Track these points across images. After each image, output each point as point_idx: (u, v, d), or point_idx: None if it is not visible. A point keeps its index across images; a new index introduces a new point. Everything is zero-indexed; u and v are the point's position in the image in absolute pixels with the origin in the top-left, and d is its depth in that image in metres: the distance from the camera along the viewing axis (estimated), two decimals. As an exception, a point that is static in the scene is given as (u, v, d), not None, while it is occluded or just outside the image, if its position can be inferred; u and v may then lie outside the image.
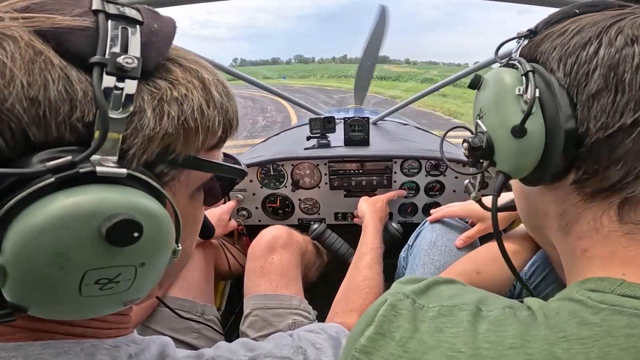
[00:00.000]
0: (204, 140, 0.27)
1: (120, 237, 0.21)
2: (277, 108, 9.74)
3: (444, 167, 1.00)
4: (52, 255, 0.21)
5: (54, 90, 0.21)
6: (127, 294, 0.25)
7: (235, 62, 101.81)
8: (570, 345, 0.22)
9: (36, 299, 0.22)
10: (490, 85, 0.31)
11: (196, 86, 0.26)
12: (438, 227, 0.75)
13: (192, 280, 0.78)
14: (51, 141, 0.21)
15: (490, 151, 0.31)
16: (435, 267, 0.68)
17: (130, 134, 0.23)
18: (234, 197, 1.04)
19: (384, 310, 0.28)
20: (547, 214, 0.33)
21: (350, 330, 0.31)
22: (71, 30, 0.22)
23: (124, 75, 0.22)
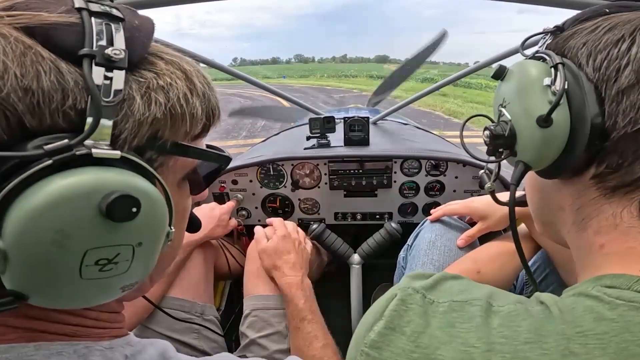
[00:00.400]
0: (189, 128, 0.29)
1: (119, 212, 0.22)
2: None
3: (444, 167, 1.00)
4: (54, 233, 0.21)
5: (46, 80, 0.22)
6: (125, 277, 0.26)
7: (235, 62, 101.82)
8: (587, 340, 0.22)
9: (37, 284, 0.23)
10: (517, 75, 0.32)
11: (179, 76, 0.28)
12: (437, 227, 0.75)
13: (192, 280, 0.78)
14: (45, 128, 0.22)
15: (512, 140, 0.31)
16: (435, 267, 0.68)
17: (121, 120, 0.24)
18: (233, 197, 1.04)
19: (394, 305, 0.28)
20: (562, 209, 0.33)
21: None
22: (58, 26, 0.23)
23: (112, 65, 0.23)
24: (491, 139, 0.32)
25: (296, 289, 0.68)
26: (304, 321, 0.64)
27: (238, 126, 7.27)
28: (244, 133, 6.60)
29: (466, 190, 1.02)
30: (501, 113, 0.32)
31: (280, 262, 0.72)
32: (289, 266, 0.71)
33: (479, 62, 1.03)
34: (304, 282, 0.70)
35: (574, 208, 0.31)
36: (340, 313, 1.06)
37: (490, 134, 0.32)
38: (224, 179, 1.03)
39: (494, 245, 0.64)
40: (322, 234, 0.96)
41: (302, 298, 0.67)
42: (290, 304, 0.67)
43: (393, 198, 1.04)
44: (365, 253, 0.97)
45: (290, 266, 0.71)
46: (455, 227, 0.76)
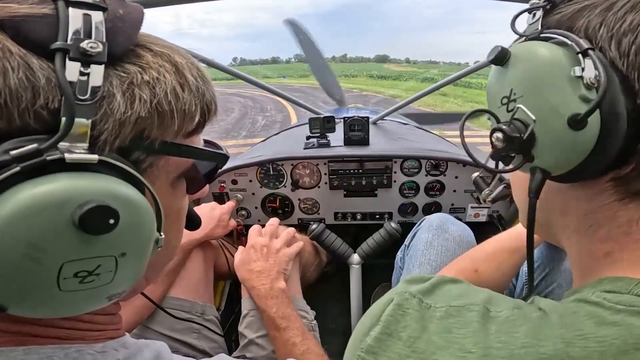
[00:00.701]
0: (180, 125, 0.26)
1: (94, 225, 0.21)
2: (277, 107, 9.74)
3: (444, 167, 1.00)
4: (25, 246, 0.20)
5: (13, 78, 0.20)
6: (110, 287, 0.24)
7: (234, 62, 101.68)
8: (586, 343, 0.22)
9: (14, 296, 0.21)
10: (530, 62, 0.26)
11: (168, 70, 0.25)
12: (434, 227, 0.74)
13: (192, 280, 0.78)
14: (16, 130, 0.21)
15: (531, 143, 0.26)
16: (432, 267, 0.68)
17: (100, 119, 0.22)
18: (233, 197, 1.04)
19: (391, 310, 0.27)
20: (564, 213, 0.31)
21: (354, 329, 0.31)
22: (29, 17, 0.21)
23: (88, 60, 0.21)
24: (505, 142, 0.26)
25: (265, 299, 0.66)
26: (278, 330, 0.64)
27: (238, 126, 7.27)
28: (244, 133, 6.60)
29: (466, 190, 1.02)
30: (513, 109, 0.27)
31: (247, 275, 0.70)
32: (255, 276, 0.70)
33: (479, 62, 1.03)
34: (274, 289, 0.68)
35: (580, 213, 0.29)
36: (340, 313, 1.06)
37: (503, 136, 0.26)
38: (223, 179, 1.03)
39: (491, 244, 0.64)
40: (321, 234, 0.96)
41: (273, 307, 0.65)
42: (263, 314, 0.67)
43: (393, 198, 1.04)
44: (365, 253, 0.97)
45: (256, 276, 0.69)
46: (452, 226, 0.75)
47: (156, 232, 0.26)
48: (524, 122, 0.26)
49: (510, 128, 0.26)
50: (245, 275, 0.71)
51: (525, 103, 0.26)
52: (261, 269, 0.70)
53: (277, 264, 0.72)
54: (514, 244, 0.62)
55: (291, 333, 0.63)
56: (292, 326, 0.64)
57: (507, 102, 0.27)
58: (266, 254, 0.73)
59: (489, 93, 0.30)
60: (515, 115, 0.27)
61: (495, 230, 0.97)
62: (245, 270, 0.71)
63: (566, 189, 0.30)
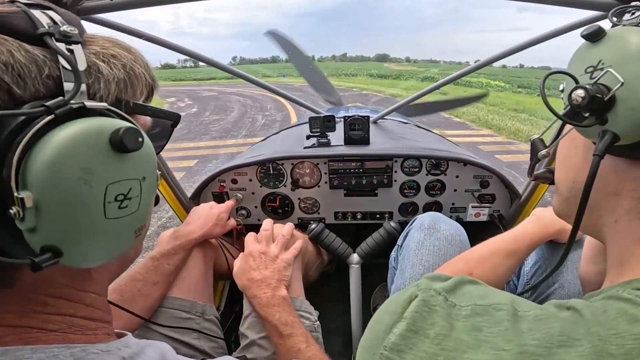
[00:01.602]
0: (142, 91, 0.33)
1: (130, 142, 0.26)
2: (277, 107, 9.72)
3: (444, 166, 1.00)
4: (78, 170, 0.24)
5: (19, 55, 0.25)
6: (137, 217, 0.29)
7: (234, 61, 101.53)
8: (623, 341, 0.22)
9: (69, 232, 0.25)
10: (625, 40, 0.28)
11: (122, 48, 0.32)
12: (425, 227, 0.74)
13: (192, 280, 0.77)
14: (29, 96, 0.25)
15: (609, 105, 0.28)
16: (425, 268, 0.68)
17: (93, 82, 0.29)
18: (233, 196, 1.03)
19: (416, 307, 0.27)
20: (617, 194, 0.30)
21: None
22: (6, 14, 0.26)
23: (70, 40, 0.27)
24: (585, 99, 0.27)
25: (267, 307, 0.66)
26: (282, 337, 0.63)
27: (237, 125, 7.26)
28: (244, 132, 6.59)
29: (467, 190, 1.02)
30: (595, 76, 0.29)
31: (247, 283, 0.70)
32: (255, 285, 0.69)
33: (480, 61, 1.03)
34: (276, 296, 0.67)
35: (636, 194, 0.29)
36: (340, 313, 1.06)
37: (585, 93, 0.27)
38: (223, 178, 1.02)
39: (486, 246, 0.64)
40: (320, 233, 0.96)
41: (276, 314, 0.65)
42: (265, 322, 0.66)
43: (393, 197, 1.03)
44: (365, 253, 0.97)
45: (256, 285, 0.69)
46: (444, 225, 0.75)
47: (156, 167, 0.31)
48: (607, 86, 0.28)
49: (594, 88, 0.28)
50: (246, 284, 0.71)
51: (617, 70, 0.28)
52: (261, 277, 0.70)
53: (277, 271, 0.72)
54: (509, 247, 0.62)
55: (295, 340, 0.63)
56: (295, 333, 0.64)
57: (593, 70, 0.29)
58: (265, 262, 0.72)
59: (573, 63, 0.32)
60: (600, 80, 0.28)
61: (496, 229, 0.97)
62: (246, 279, 0.71)
63: (625, 168, 0.30)
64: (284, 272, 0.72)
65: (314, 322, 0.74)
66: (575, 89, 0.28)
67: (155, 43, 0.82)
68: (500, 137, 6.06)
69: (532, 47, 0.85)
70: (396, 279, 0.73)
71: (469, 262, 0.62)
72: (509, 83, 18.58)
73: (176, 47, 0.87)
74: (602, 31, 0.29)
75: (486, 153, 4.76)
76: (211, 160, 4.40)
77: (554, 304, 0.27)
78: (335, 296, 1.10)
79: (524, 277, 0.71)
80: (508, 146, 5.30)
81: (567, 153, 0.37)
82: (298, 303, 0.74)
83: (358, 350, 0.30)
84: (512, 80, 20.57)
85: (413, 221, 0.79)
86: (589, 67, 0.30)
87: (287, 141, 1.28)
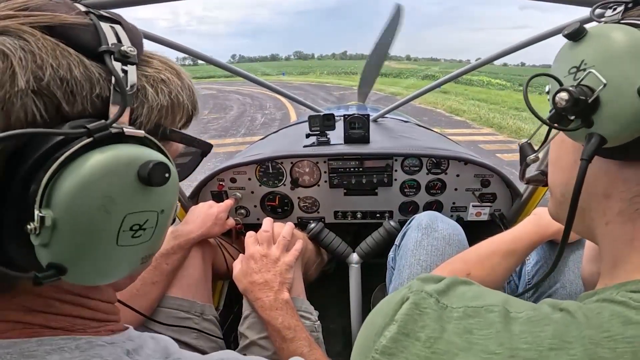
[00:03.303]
0: (181, 117, 0.33)
1: (157, 178, 0.26)
2: (276, 105, 9.70)
3: (445, 165, 0.99)
4: (102, 199, 0.24)
5: (77, 72, 0.25)
6: (147, 246, 0.29)
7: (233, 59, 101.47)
8: (615, 344, 0.22)
9: (78, 253, 0.25)
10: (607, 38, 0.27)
11: (172, 73, 0.32)
12: (423, 226, 0.73)
13: (190, 280, 0.77)
14: (76, 114, 0.26)
15: (593, 108, 0.27)
16: (422, 268, 0.67)
17: (137, 107, 0.29)
18: (232, 195, 1.03)
19: (407, 309, 0.27)
20: (608, 196, 0.30)
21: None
22: (76, 26, 0.26)
23: (127, 61, 0.27)
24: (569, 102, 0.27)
25: (270, 310, 0.66)
26: (285, 341, 0.63)
27: (236, 124, 7.25)
28: (243, 130, 6.57)
29: (467, 189, 1.01)
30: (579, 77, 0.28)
31: (250, 286, 0.69)
32: (257, 288, 0.69)
33: (481, 59, 1.02)
34: (278, 299, 0.67)
35: (627, 196, 0.28)
36: (340, 313, 1.05)
37: (569, 96, 0.27)
38: (222, 177, 1.02)
39: (485, 246, 0.63)
40: (320, 233, 0.96)
41: (279, 317, 0.65)
42: (268, 326, 0.66)
43: (394, 196, 1.03)
44: (364, 252, 0.96)
45: (259, 288, 0.68)
46: (442, 225, 0.74)
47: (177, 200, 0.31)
48: (590, 88, 0.27)
49: (577, 90, 0.27)
50: (248, 287, 0.70)
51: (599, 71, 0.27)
52: (263, 280, 0.69)
53: (279, 274, 0.71)
54: (508, 247, 0.61)
55: (298, 343, 0.63)
56: (298, 336, 0.63)
57: (576, 71, 0.28)
58: (267, 265, 0.72)
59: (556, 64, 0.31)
60: (583, 82, 0.28)
61: (497, 229, 0.97)
62: (247, 282, 0.70)
63: (616, 170, 0.29)
64: (286, 275, 0.71)
65: (314, 322, 0.74)
66: (558, 92, 0.28)
67: (153, 41, 0.81)
68: (501, 135, 6.05)
69: (533, 45, 0.84)
70: (394, 279, 0.73)
71: (468, 262, 0.62)
72: (510, 81, 18.54)
73: (175, 45, 0.86)
74: (583, 30, 0.29)
75: (487, 152, 4.75)
76: (210, 159, 4.39)
77: (548, 304, 0.27)
78: (335, 296, 1.09)
79: (525, 277, 0.71)
80: (509, 145, 5.30)
81: (557, 155, 0.36)
82: (298, 303, 0.73)
83: (352, 352, 0.30)
84: (514, 78, 20.53)
85: (411, 220, 0.78)
86: (572, 68, 0.29)
87: (286, 140, 1.27)
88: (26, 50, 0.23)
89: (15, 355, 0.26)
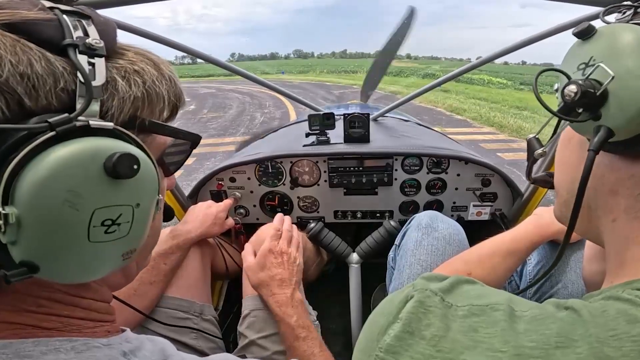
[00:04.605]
0: (162, 109, 0.32)
1: (123, 169, 0.25)
2: (276, 104, 9.69)
3: (445, 165, 0.99)
4: (65, 193, 0.24)
5: (38, 67, 0.24)
6: (126, 241, 0.28)
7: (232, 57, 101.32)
8: (621, 343, 0.22)
9: (49, 250, 0.25)
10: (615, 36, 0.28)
11: (149, 64, 0.31)
12: (423, 226, 0.73)
13: (189, 280, 0.77)
14: (40, 108, 0.25)
15: (601, 100, 0.27)
16: (422, 268, 0.67)
17: (107, 98, 0.28)
18: (231, 194, 1.02)
19: (412, 307, 0.27)
20: (614, 193, 0.30)
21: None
22: (38, 21, 0.26)
23: (93, 53, 0.27)
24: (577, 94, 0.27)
25: (286, 307, 0.65)
26: (298, 340, 0.62)
27: (236, 122, 7.24)
28: (242, 129, 6.56)
29: (468, 188, 1.01)
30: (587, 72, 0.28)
31: (268, 280, 0.68)
32: (276, 284, 0.67)
33: (482, 58, 1.01)
34: (294, 298, 0.67)
35: (634, 193, 0.28)
36: (340, 313, 1.05)
37: (577, 88, 0.27)
38: (221, 177, 1.01)
39: (486, 246, 0.63)
40: (319, 232, 0.95)
41: (294, 315, 0.64)
42: (281, 323, 0.65)
43: (394, 196, 1.02)
44: (364, 252, 0.96)
45: (277, 283, 0.67)
46: (442, 224, 0.73)
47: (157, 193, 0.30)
48: (598, 81, 0.27)
49: (586, 83, 0.27)
50: (265, 280, 0.68)
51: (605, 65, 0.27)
52: (282, 277, 0.69)
53: (296, 273, 0.71)
54: (508, 247, 0.61)
55: (310, 343, 0.62)
56: (311, 336, 0.63)
57: (585, 67, 0.29)
58: (287, 262, 0.71)
59: (565, 61, 0.32)
60: (592, 76, 0.28)
61: (498, 228, 0.96)
62: (267, 276, 0.68)
63: (622, 166, 0.29)
64: (300, 275, 0.72)
65: (314, 322, 0.74)
66: (567, 85, 0.28)
67: (152, 40, 0.80)
68: (502, 134, 6.04)
69: (534, 44, 0.83)
70: (394, 279, 0.72)
71: (468, 262, 0.61)
72: (511, 80, 18.52)
73: (173, 43, 0.86)
74: (592, 29, 0.29)
75: (488, 151, 4.74)
76: (209, 158, 4.39)
77: (553, 303, 0.26)
78: (335, 296, 1.09)
79: (526, 277, 0.70)
80: (510, 144, 5.29)
81: (564, 153, 0.36)
82: (298, 303, 0.73)
83: (354, 352, 0.30)
84: (514, 77, 20.51)
85: (411, 220, 0.78)
86: (580, 64, 0.30)
87: (286, 139, 1.27)
88: None
89: (11, 356, 0.26)
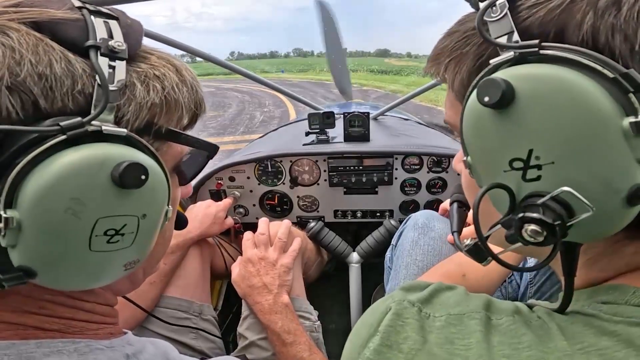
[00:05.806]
0: (180, 116, 0.31)
1: (130, 179, 0.24)
2: (275, 103, 9.67)
3: (446, 164, 0.98)
4: (68, 200, 0.23)
5: (58, 68, 0.24)
6: (129, 252, 0.27)
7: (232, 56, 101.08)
8: (588, 357, 0.21)
9: (48, 257, 0.24)
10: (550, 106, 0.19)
11: (171, 69, 0.30)
12: (419, 226, 0.72)
13: (189, 279, 0.76)
14: (56, 110, 0.24)
15: (567, 224, 0.20)
16: (419, 268, 0.66)
17: (124, 103, 0.27)
18: (230, 194, 1.02)
19: (390, 320, 0.26)
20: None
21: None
22: (64, 21, 0.25)
23: (115, 56, 0.26)
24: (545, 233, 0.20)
25: (270, 314, 0.65)
26: (285, 345, 0.63)
27: (235, 121, 7.22)
28: (242, 128, 6.55)
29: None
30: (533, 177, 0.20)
31: (248, 291, 0.69)
32: (256, 292, 0.68)
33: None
34: (278, 303, 0.66)
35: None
36: (340, 313, 1.05)
37: (542, 229, 0.20)
38: (220, 176, 1.01)
39: None
40: (319, 232, 0.95)
41: (279, 322, 0.64)
42: (267, 330, 0.65)
43: (394, 195, 1.02)
44: (364, 251, 0.96)
45: (257, 292, 0.68)
46: (438, 224, 0.73)
47: (166, 204, 0.30)
48: (566, 205, 0.19)
49: (547, 214, 0.20)
50: (247, 291, 0.69)
51: (560, 173, 0.19)
52: (262, 284, 0.69)
53: (278, 277, 0.70)
54: None
55: (298, 348, 0.62)
56: (298, 340, 0.63)
57: (525, 168, 0.20)
58: (265, 268, 0.71)
59: (480, 149, 0.22)
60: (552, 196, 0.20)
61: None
62: (246, 286, 0.69)
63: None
64: (284, 277, 0.71)
65: (314, 322, 0.74)
66: (525, 222, 0.20)
67: (150, 38, 0.80)
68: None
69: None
70: (391, 279, 0.72)
71: (462, 264, 0.60)
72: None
73: (172, 42, 0.85)
74: (512, 91, 0.19)
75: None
76: (209, 157, 4.37)
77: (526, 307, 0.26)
78: (335, 296, 1.09)
79: (526, 275, 0.70)
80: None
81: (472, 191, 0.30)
82: (298, 303, 0.73)
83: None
84: (513, 76, 20.41)
85: (407, 220, 0.77)
86: (514, 161, 0.21)
87: (285, 138, 1.26)
88: (6, 46, 0.23)
89: (14, 357, 0.25)
